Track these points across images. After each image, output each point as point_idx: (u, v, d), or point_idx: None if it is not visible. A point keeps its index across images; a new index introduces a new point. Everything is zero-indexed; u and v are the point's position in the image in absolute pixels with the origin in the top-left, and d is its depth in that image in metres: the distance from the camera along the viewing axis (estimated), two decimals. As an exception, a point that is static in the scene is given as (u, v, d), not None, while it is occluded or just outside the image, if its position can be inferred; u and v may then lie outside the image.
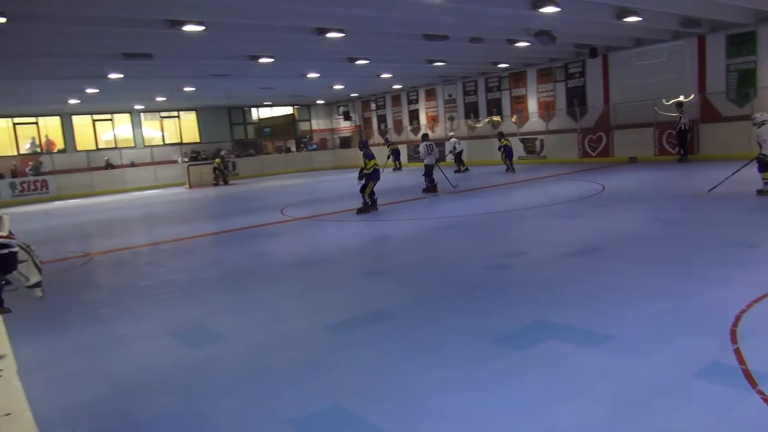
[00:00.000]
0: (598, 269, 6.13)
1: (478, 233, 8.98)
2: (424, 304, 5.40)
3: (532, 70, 22.64)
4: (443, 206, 12.35)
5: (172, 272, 7.94)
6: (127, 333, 5.25)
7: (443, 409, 3.27)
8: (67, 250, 10.08)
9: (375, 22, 12.87)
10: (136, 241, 10.82)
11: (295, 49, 15.13)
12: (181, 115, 29.94)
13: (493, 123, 24.38)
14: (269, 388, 3.77)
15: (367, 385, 3.70)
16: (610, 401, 3.20)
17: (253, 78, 20.07)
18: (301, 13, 11.66)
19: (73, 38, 11.94)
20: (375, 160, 11.64)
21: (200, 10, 10.76)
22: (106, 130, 28.33)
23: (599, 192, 12.18)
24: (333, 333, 4.77)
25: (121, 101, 24.67)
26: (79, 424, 3.52)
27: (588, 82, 20.95)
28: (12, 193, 23.58)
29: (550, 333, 4.28)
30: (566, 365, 3.71)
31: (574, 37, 16.95)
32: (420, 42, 15.00)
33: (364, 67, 19.19)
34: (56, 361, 4.66)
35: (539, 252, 7.13)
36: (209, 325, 5.26)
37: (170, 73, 17.69)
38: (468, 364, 3.86)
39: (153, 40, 12.80)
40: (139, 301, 6.37)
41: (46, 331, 5.44)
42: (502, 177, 17.36)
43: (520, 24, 14.45)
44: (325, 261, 7.78)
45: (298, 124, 34.03)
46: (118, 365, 4.46)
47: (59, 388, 4.06)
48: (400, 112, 29.74)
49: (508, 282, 5.93)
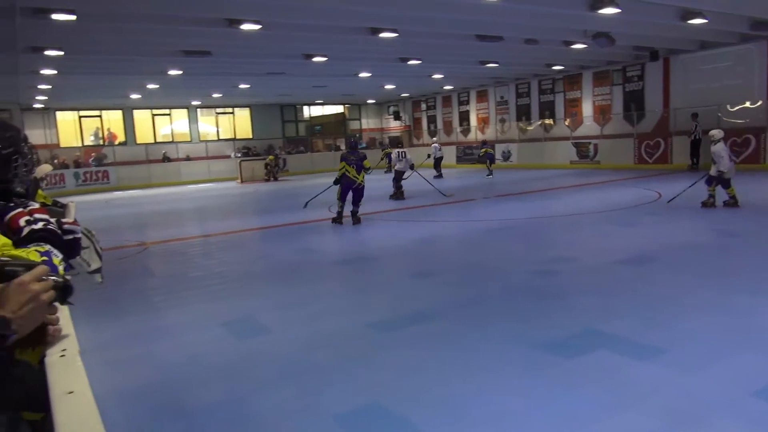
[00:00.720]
0: (651, 279, 5.92)
1: (525, 237, 8.82)
2: (470, 306, 5.35)
3: (588, 72, 22.08)
4: (489, 209, 12.20)
5: (222, 264, 8.15)
6: (178, 322, 5.42)
7: (489, 414, 3.22)
8: (125, 238, 10.49)
9: (428, 22, 12.83)
10: (188, 233, 11.17)
11: (348, 48, 15.27)
12: (235, 112, 30.70)
13: (545, 126, 23.94)
14: (313, 383, 3.82)
15: (410, 385, 3.69)
16: (663, 416, 3.08)
17: (306, 76, 20.38)
18: (355, 13, 11.76)
19: (136, 36, 12.42)
20: (343, 163, 10.45)
21: (258, 10, 11.00)
22: (165, 125, 29.36)
23: (656, 199, 11.77)
24: (377, 331, 4.78)
25: (180, 97, 25.53)
26: (132, 407, 3.66)
27: (647, 86, 20.27)
28: (76, 183, 24.73)
29: (600, 342, 4.16)
30: (617, 377, 3.60)
31: (634, 39, 16.43)
32: (473, 43, 14.87)
33: (416, 68, 19.17)
34: (112, 345, 4.86)
35: (589, 259, 6.94)
36: (256, 318, 5.37)
37: (227, 70, 18.17)
38: (515, 369, 3.80)
39: (212, 38, 13.17)
40: (190, 291, 6.57)
41: (104, 315, 5.67)
42: (551, 181, 17.00)
43: (578, 25, 14.12)
44: (369, 259, 7.82)
45: (348, 123, 34.33)
46: (169, 353, 4.62)
47: (114, 371, 4.24)
48: (450, 113, 29.57)
49: (557, 288, 5.80)
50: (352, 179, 10.33)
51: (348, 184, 10.37)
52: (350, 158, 10.49)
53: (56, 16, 9.82)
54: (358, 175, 10.36)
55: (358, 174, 10.35)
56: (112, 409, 3.52)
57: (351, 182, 10.34)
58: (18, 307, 1.10)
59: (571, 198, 13.36)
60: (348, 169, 10.35)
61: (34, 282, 1.14)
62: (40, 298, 1.14)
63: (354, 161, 10.43)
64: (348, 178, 10.35)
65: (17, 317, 1.09)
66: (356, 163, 10.40)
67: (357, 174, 10.35)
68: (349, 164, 10.38)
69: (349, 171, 10.34)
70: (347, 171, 10.35)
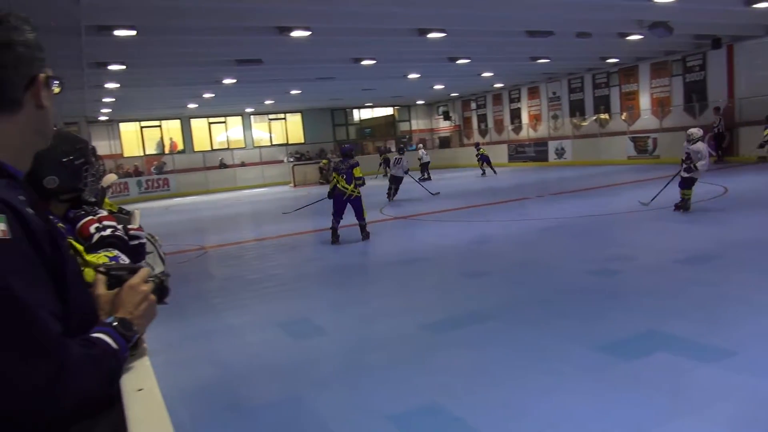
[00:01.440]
0: (716, 278, 5.66)
1: (581, 236, 8.60)
2: (524, 306, 5.27)
3: (644, 64, 21.29)
4: (543, 207, 11.95)
5: (278, 267, 8.34)
6: (236, 323, 5.59)
7: (547, 417, 3.17)
8: (185, 243, 10.90)
9: (477, 20, 12.70)
10: (245, 237, 11.50)
11: (396, 50, 15.33)
12: (287, 117, 31.34)
13: (600, 121, 23.25)
14: (368, 383, 3.86)
15: (466, 385, 3.67)
16: (730, 422, 2.95)
17: (355, 80, 20.58)
18: (403, 15, 11.78)
19: (192, 47, 12.89)
20: (335, 174, 9.47)
21: (307, 16, 11.20)
22: (220, 132, 30.29)
23: (721, 194, 11.24)
24: (431, 332, 4.78)
25: (234, 105, 26.29)
26: (194, 404, 3.81)
27: (709, 76, 19.35)
28: (138, 190, 25.87)
29: (661, 344, 4.02)
30: (680, 380, 3.46)
31: (694, 27, 15.72)
32: (523, 39, 14.62)
33: (465, 67, 19.02)
34: (175, 345, 5.07)
35: (649, 257, 6.70)
36: (311, 319, 5.47)
37: (278, 77, 18.57)
38: (573, 371, 3.71)
39: (263, 46, 13.51)
40: (248, 293, 6.77)
41: (167, 317, 5.89)
42: (608, 177, 16.47)
43: (633, 16, 13.64)
44: (422, 260, 7.81)
45: (398, 125, 34.41)
46: (229, 353, 4.77)
47: (177, 370, 4.42)
48: (500, 111, 29.16)
49: (615, 288, 5.63)
50: (341, 190, 9.21)
51: (338, 196, 9.26)
52: (341, 167, 9.40)
53: (118, 32, 10.33)
54: (348, 186, 9.19)
55: (348, 184, 9.20)
56: (176, 406, 3.67)
57: (341, 193, 9.23)
58: (134, 308, 1.20)
59: (629, 194, 12.90)
60: (339, 180, 9.27)
61: (142, 283, 1.25)
62: (151, 298, 1.25)
63: (344, 170, 9.28)
64: (338, 189, 9.24)
65: (134, 317, 1.18)
66: (346, 172, 9.25)
67: (347, 184, 9.19)
68: (339, 174, 9.30)
69: (339, 182, 9.25)
70: (338, 182, 9.27)
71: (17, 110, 1.07)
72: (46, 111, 1.12)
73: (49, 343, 0.93)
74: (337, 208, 9.40)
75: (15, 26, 1.06)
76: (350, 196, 9.27)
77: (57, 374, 0.92)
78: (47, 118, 1.14)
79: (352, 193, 9.26)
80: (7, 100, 1.05)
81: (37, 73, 1.09)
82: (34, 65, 1.08)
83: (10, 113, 1.06)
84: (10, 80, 1.04)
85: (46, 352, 0.92)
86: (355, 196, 9.32)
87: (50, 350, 0.93)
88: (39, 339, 0.92)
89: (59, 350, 0.94)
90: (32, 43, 1.08)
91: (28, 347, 0.91)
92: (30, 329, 0.91)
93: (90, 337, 1.06)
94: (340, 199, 9.32)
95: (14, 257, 0.93)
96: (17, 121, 1.07)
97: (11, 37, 1.04)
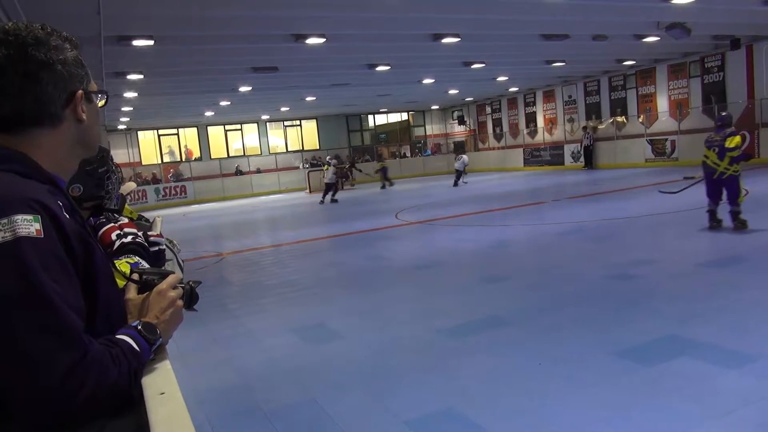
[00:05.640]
0: (739, 282, 5.56)
1: (600, 240, 8.51)
2: (543, 312, 5.22)
3: (662, 66, 21.07)
4: (560, 211, 11.86)
5: (295, 272, 8.37)
6: (254, 328, 5.62)
7: (568, 424, 3.13)
8: (203, 249, 10.99)
9: (491, 25, 12.67)
10: (262, 243, 11.56)
11: (411, 55, 15.34)
12: (302, 124, 31.51)
13: (617, 124, 23.04)
14: (386, 388, 3.85)
15: (484, 391, 3.65)
16: (754, 429, 2.89)
17: (370, 86, 20.64)
18: (418, 21, 11.79)
19: (209, 56, 13.02)
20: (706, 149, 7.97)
21: (323, 23, 11.26)
22: (236, 139, 30.54)
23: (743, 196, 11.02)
24: (448, 337, 4.76)
25: (250, 112, 26.50)
26: (213, 408, 3.83)
27: (728, 77, 19.08)
28: (156, 198, 26.17)
29: (683, 349, 3.95)
30: (702, 386, 3.41)
31: (713, 27, 15.52)
32: (538, 42, 14.54)
33: (480, 71, 18.98)
34: (194, 350, 5.11)
35: (670, 261, 6.61)
36: (329, 324, 5.48)
37: (294, 84, 18.69)
38: (594, 377, 3.67)
39: (278, 53, 13.60)
40: (265, 299, 6.80)
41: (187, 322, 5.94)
42: (626, 180, 16.31)
43: (650, 18, 13.49)
44: (439, 265, 7.79)
45: (413, 130, 34.41)
46: (247, 358, 4.80)
47: (197, 375, 4.45)
48: (516, 115, 29.03)
49: (635, 292, 5.56)
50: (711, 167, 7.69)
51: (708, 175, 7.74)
52: (714, 139, 7.85)
53: (137, 42, 10.49)
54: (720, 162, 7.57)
55: (720, 160, 7.59)
56: (196, 410, 3.70)
57: (710, 171, 7.72)
58: (161, 313, 1.24)
59: (648, 198, 12.76)
60: (709, 155, 7.79)
61: (170, 289, 1.28)
62: (177, 304, 1.28)
63: (718, 142, 7.74)
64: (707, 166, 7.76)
65: (160, 322, 1.22)
66: (719, 145, 7.71)
67: (719, 160, 7.60)
68: (710, 148, 7.80)
69: (710, 156, 7.79)
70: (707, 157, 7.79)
71: (58, 124, 1.14)
72: (86, 124, 1.18)
73: (70, 335, 0.99)
74: (710, 189, 7.85)
75: (55, 46, 1.12)
76: (722, 174, 7.49)
77: (76, 364, 0.97)
78: (90, 130, 1.21)
79: (725, 171, 7.50)
80: (48, 115, 1.12)
81: (76, 89, 1.15)
82: (73, 82, 1.14)
83: (51, 127, 1.13)
84: (50, 97, 1.11)
85: (67, 343, 0.98)
86: (729, 175, 7.53)
87: (71, 342, 0.98)
88: (61, 330, 0.98)
89: (80, 343, 1.00)
90: (71, 61, 1.14)
91: (51, 337, 0.96)
92: (54, 320, 0.97)
93: (112, 338, 1.11)
94: (711, 179, 7.70)
95: (44, 254, 0.99)
96: (59, 134, 1.14)
97: (50, 57, 1.10)
